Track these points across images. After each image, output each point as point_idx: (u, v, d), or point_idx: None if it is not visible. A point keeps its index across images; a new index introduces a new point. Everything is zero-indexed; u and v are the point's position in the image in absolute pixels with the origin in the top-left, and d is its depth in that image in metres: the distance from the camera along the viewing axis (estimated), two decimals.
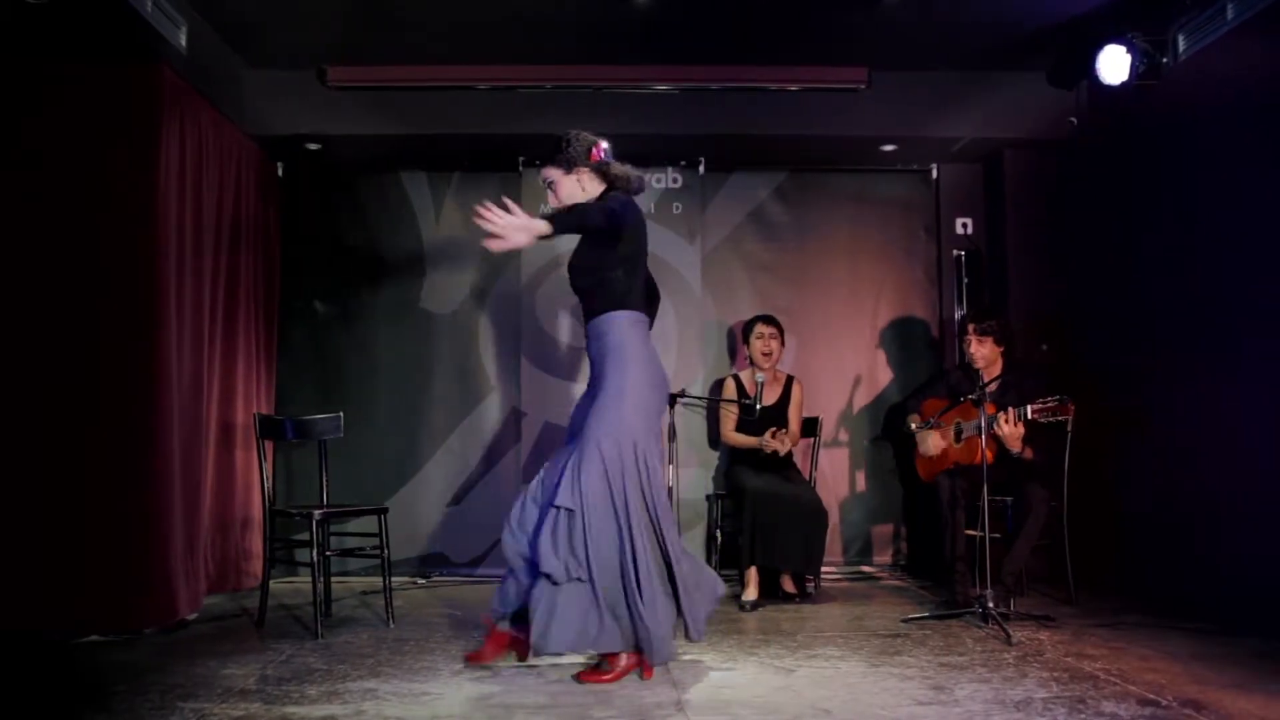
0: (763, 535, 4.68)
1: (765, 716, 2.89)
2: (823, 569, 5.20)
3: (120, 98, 4.18)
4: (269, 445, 5.39)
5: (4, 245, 4.10)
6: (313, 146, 5.46)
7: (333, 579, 4.90)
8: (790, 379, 5.30)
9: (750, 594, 4.66)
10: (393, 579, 4.39)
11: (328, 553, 4.28)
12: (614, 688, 3.21)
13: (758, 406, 5.00)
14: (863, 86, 5.27)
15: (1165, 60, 4.63)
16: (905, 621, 4.24)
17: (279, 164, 5.68)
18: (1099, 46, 4.68)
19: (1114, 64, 4.62)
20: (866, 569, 5.74)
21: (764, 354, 5.12)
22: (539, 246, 3.61)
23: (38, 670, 3.56)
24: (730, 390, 5.25)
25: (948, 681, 3.23)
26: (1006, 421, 4.32)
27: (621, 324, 3.42)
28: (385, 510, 4.38)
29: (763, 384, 5.01)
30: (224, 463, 4.99)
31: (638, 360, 3.40)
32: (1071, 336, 5.45)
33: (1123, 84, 4.61)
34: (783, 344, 5.24)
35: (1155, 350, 4.83)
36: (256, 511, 5.18)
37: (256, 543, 5.19)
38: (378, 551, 4.33)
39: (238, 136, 5.09)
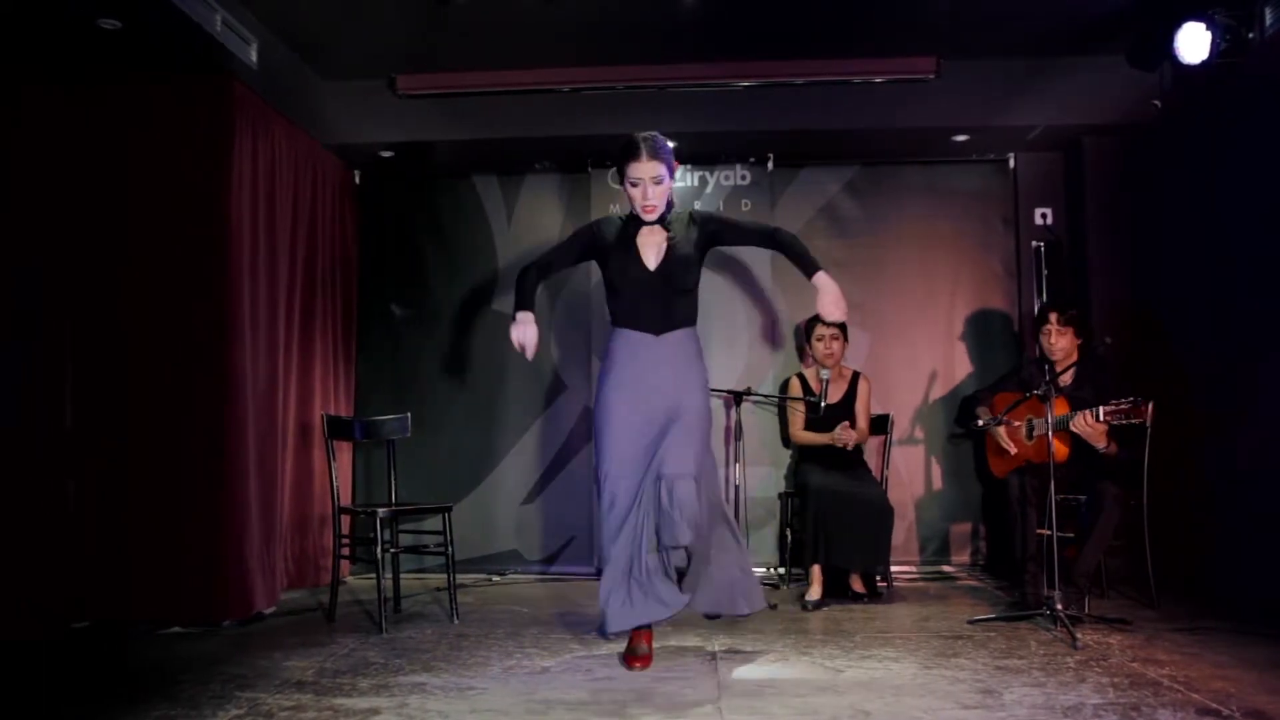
0: (826, 533, 4.61)
1: (801, 717, 2.85)
2: (899, 568, 5.10)
3: (193, 112, 4.38)
4: (347, 445, 5.59)
5: (86, 254, 4.35)
6: (385, 154, 5.61)
7: (411, 575, 5.04)
8: (856, 375, 5.20)
9: (813, 593, 4.60)
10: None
11: (392, 550, 4.40)
12: (655, 683, 3.24)
13: (822, 404, 4.94)
14: (932, 76, 5.14)
15: (1251, 35, 4.38)
16: (971, 623, 4.13)
17: (355, 172, 5.85)
18: (1178, 24, 4.47)
19: (1193, 42, 4.39)
20: (946, 569, 5.61)
21: (825, 355, 5.04)
22: None
23: (119, 658, 3.76)
24: (795, 389, 5.19)
25: (999, 685, 3.14)
26: (1085, 423, 4.17)
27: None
28: (449, 509, 4.47)
29: (827, 381, 4.94)
30: (303, 462, 5.16)
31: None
32: (1156, 329, 5.21)
33: (1203, 63, 4.39)
34: (845, 342, 5.13)
35: (1244, 343, 4.58)
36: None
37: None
38: (443, 549, 4.43)
39: (313, 146, 5.26)
